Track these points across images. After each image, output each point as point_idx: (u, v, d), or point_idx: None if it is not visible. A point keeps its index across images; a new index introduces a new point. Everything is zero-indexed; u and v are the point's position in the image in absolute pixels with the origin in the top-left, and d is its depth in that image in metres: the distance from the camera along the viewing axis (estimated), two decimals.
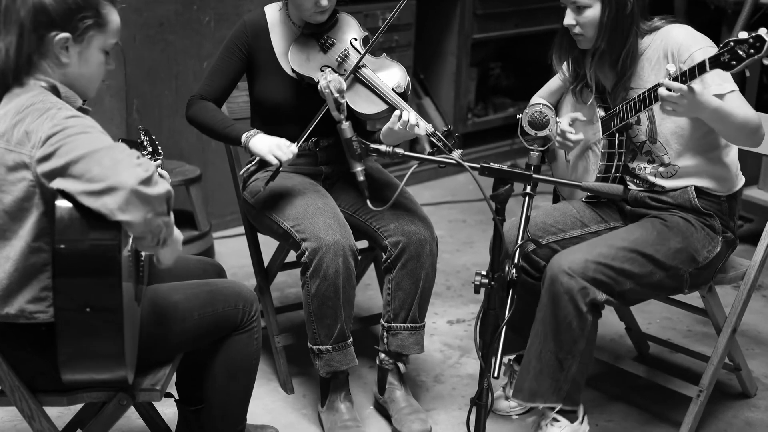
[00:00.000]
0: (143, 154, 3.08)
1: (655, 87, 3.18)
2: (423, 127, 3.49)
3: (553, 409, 3.47)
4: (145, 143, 3.10)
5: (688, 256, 3.38)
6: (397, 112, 3.49)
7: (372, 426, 3.74)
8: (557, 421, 3.50)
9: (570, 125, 3.54)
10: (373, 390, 3.84)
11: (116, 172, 2.43)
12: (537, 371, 3.39)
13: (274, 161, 3.46)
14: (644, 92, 3.29)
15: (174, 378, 3.31)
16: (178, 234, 2.71)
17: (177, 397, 3.34)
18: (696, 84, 3.08)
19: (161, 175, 3.03)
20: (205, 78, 3.73)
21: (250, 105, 3.85)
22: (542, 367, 3.38)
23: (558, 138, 3.54)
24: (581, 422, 3.53)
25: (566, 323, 3.30)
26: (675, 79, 3.08)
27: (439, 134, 3.50)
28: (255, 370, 3.14)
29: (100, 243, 2.50)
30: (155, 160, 3.04)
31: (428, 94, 6.78)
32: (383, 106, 3.57)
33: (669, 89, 3.08)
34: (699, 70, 3.04)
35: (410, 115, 3.47)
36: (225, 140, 3.65)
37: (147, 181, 2.47)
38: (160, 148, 3.13)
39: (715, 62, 3.01)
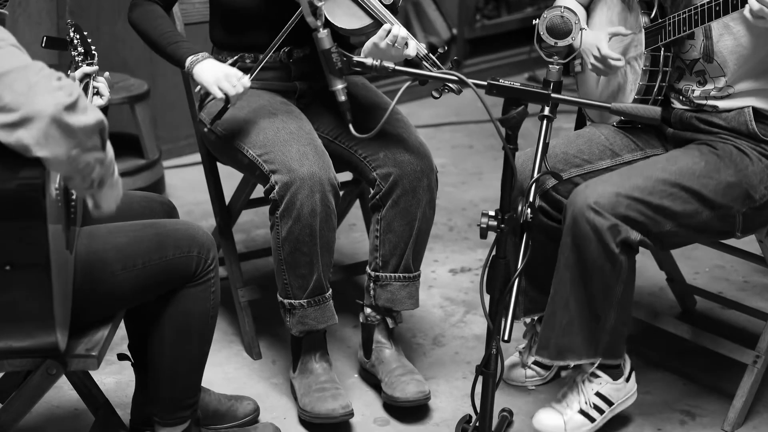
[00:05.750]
0: (73, 56, 3.06)
1: None
2: (413, 47, 3.48)
3: (592, 364, 3.48)
4: (75, 42, 3.07)
5: (742, 193, 3.38)
6: (386, 26, 3.46)
7: (358, 398, 3.73)
8: (597, 376, 3.51)
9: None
10: (358, 355, 3.85)
11: (30, 99, 2.39)
12: (565, 324, 3.39)
13: (219, 94, 3.44)
14: (709, 3, 3.23)
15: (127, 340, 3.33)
16: (118, 176, 2.69)
17: (133, 360, 3.34)
18: None
19: (96, 88, 3.01)
20: None
21: (210, 8, 3.81)
22: (571, 319, 3.38)
23: (594, 62, 3.51)
24: (627, 379, 3.54)
25: (596, 267, 3.30)
26: None
27: (433, 57, 3.49)
28: (211, 331, 3.14)
29: (19, 183, 2.47)
30: (88, 64, 3.02)
31: None
32: (367, 21, 3.54)
33: None
34: None
35: (400, 30, 3.46)
36: (168, 60, 3.61)
37: (71, 108, 2.42)
38: (94, 48, 3.10)
39: None
